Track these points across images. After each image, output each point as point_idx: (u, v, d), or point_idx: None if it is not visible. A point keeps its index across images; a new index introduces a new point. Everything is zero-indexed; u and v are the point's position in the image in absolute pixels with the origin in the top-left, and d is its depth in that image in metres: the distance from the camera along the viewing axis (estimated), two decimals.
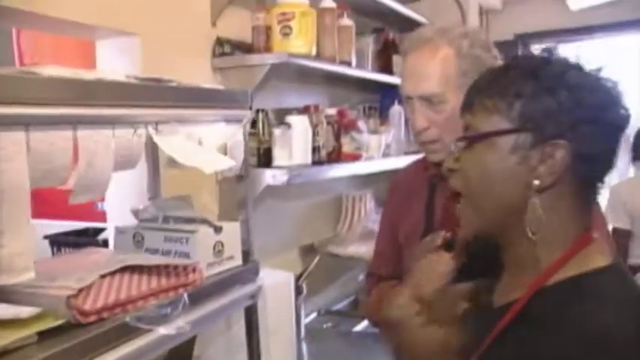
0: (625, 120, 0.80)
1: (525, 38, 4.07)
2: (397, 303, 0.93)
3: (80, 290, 0.94)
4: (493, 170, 0.81)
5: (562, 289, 0.78)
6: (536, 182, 0.78)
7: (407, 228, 1.35)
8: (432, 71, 1.21)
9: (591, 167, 0.79)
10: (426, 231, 1.28)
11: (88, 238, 2.81)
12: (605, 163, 0.81)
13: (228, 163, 1.22)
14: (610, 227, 2.38)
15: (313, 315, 2.54)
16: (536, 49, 0.88)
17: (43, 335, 0.86)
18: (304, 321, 2.19)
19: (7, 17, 1.47)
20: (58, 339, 0.86)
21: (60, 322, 0.88)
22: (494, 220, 0.83)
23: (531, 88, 0.78)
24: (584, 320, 0.73)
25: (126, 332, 0.96)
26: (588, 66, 0.82)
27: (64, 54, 2.81)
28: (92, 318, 0.92)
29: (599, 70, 0.81)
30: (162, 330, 1.01)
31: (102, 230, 2.70)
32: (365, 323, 2.34)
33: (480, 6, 3.88)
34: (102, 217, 2.37)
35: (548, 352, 0.73)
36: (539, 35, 4.06)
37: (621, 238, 2.90)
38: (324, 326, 2.48)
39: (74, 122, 0.92)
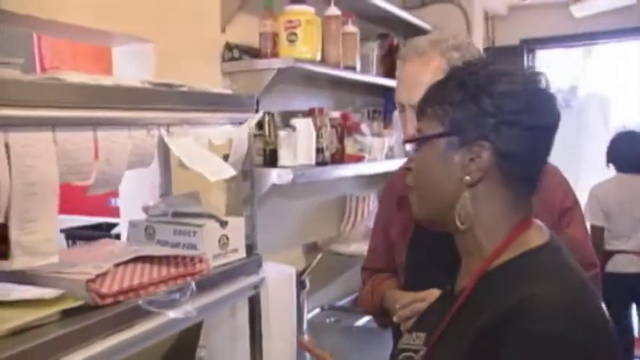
0: (549, 122, 0.90)
1: (530, 44, 4.14)
2: None
3: (98, 276, 1.03)
4: (433, 167, 0.93)
5: (501, 270, 0.88)
6: (467, 178, 0.89)
7: (398, 228, 1.43)
8: (424, 81, 1.23)
9: (514, 164, 0.89)
10: (415, 231, 1.37)
11: (101, 232, 2.91)
12: (531, 161, 0.90)
13: (231, 173, 1.30)
14: (588, 224, 2.53)
15: (317, 310, 2.62)
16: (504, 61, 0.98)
17: (64, 314, 0.95)
18: (308, 315, 2.26)
19: (28, 24, 1.56)
20: (78, 318, 0.96)
21: (79, 303, 0.98)
22: (437, 211, 0.94)
23: (460, 96, 0.89)
24: (514, 292, 0.81)
25: (138, 314, 1.05)
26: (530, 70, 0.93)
27: (82, 57, 2.92)
28: (108, 300, 1.02)
29: (534, 75, 0.91)
30: (172, 314, 1.10)
31: (115, 225, 2.79)
32: (366, 318, 2.42)
33: (485, 12, 3.93)
34: (115, 212, 2.46)
35: (479, 324, 0.82)
36: (544, 41, 4.12)
37: (597, 233, 3.30)
38: (327, 321, 2.55)
39: (94, 124, 1.02)
